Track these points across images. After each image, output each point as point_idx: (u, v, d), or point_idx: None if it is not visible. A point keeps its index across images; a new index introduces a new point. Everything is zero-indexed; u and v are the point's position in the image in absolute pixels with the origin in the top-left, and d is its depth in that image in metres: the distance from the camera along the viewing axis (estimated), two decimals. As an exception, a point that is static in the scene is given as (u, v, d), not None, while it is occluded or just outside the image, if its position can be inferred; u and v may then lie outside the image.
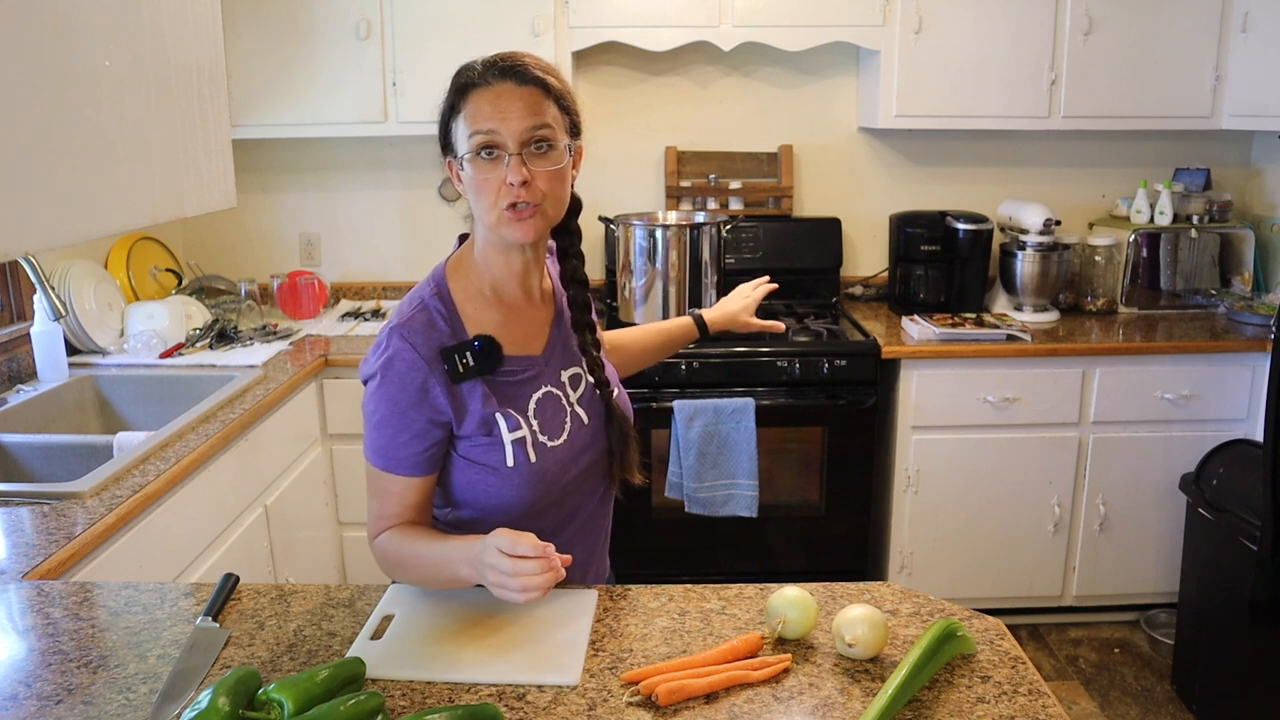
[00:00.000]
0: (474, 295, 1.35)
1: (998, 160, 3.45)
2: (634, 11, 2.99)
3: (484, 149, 1.24)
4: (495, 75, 1.25)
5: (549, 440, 1.34)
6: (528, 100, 1.24)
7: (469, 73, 1.27)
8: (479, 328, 1.32)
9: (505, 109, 1.23)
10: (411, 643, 1.20)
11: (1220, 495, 2.65)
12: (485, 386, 1.30)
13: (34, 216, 1.42)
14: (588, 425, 1.39)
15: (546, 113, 1.26)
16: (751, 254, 3.27)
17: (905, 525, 2.99)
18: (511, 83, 1.25)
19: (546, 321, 1.40)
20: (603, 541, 1.51)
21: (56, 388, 2.45)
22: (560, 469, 1.34)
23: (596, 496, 1.44)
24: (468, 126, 1.25)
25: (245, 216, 3.41)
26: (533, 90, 1.25)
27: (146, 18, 1.69)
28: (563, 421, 1.36)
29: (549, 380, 1.36)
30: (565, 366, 1.39)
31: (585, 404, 1.40)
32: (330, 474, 2.86)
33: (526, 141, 1.24)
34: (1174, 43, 3.03)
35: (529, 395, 1.34)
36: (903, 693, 1.05)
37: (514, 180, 1.23)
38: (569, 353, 1.41)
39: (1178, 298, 3.26)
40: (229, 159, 2.01)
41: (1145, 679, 2.90)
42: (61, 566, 1.53)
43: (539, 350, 1.37)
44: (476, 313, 1.33)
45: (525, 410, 1.33)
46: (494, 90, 1.24)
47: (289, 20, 2.94)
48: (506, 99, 1.24)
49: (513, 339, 1.35)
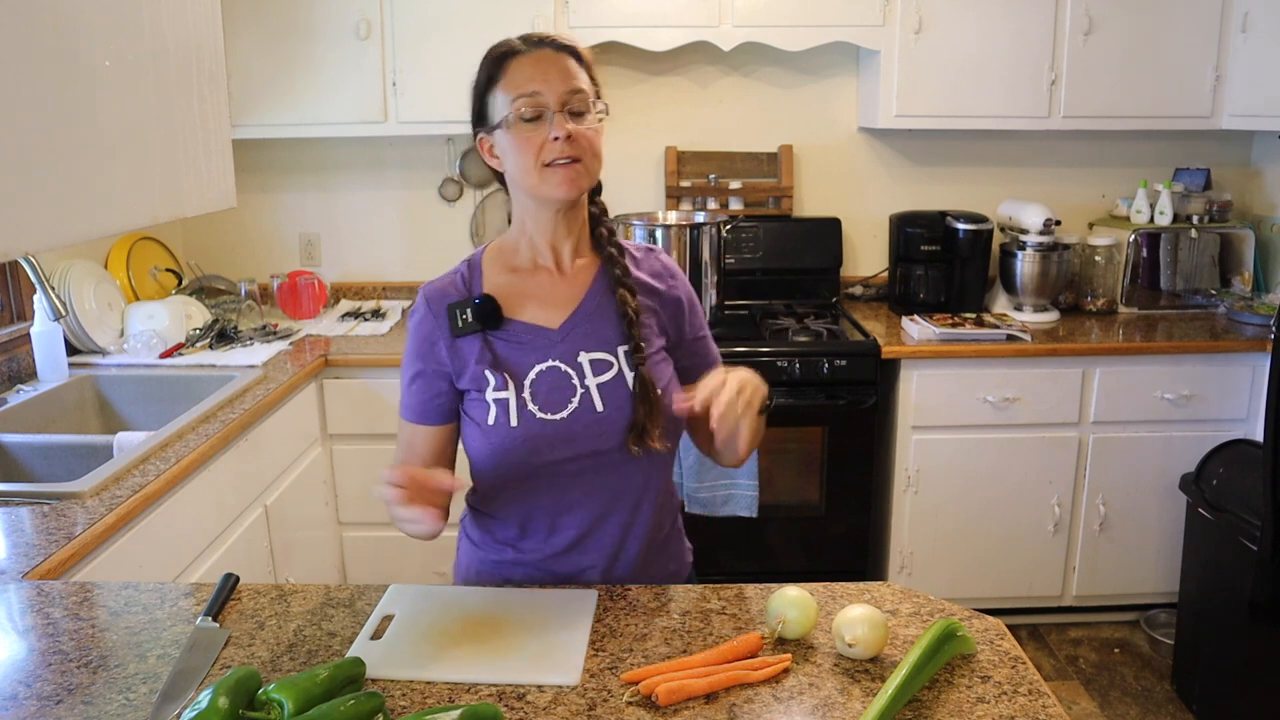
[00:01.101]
0: (501, 263, 1.41)
1: (998, 160, 3.45)
2: (634, 11, 2.99)
3: (527, 109, 1.29)
4: (532, 44, 1.34)
5: (541, 412, 1.33)
6: (564, 65, 1.32)
7: (504, 45, 1.36)
8: (493, 290, 1.38)
9: (546, 70, 1.31)
10: (411, 643, 1.20)
11: (1220, 495, 2.65)
12: (484, 343, 1.35)
13: (34, 216, 1.42)
14: (601, 413, 1.35)
15: (581, 78, 1.33)
16: (751, 254, 3.27)
17: (905, 525, 2.99)
18: (549, 49, 1.33)
19: (573, 298, 1.39)
20: (630, 538, 1.41)
21: (56, 388, 2.45)
22: (548, 445, 1.33)
23: (607, 490, 1.38)
24: (508, 92, 1.31)
25: (245, 216, 3.41)
26: (567, 56, 1.33)
27: (146, 18, 1.70)
28: (566, 400, 1.34)
29: (559, 356, 1.36)
30: (589, 350, 1.37)
31: (606, 392, 1.36)
32: (330, 474, 2.86)
33: (566, 103, 1.30)
34: (1174, 43, 3.03)
35: (530, 364, 1.35)
36: (903, 693, 1.05)
37: (559, 134, 1.28)
38: (600, 338, 1.38)
39: (1178, 298, 3.26)
40: (229, 159, 2.01)
41: (1145, 679, 2.91)
42: (61, 566, 1.53)
43: (555, 324, 1.37)
44: (496, 276, 1.40)
45: (522, 377, 1.35)
46: (533, 55, 1.32)
47: (289, 20, 2.94)
48: (546, 62, 1.32)
49: (527, 307, 1.38)
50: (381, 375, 2.83)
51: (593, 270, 1.42)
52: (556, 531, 1.40)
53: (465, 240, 3.45)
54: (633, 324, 1.37)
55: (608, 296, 1.40)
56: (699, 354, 1.48)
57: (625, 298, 1.38)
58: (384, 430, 2.85)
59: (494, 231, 3.43)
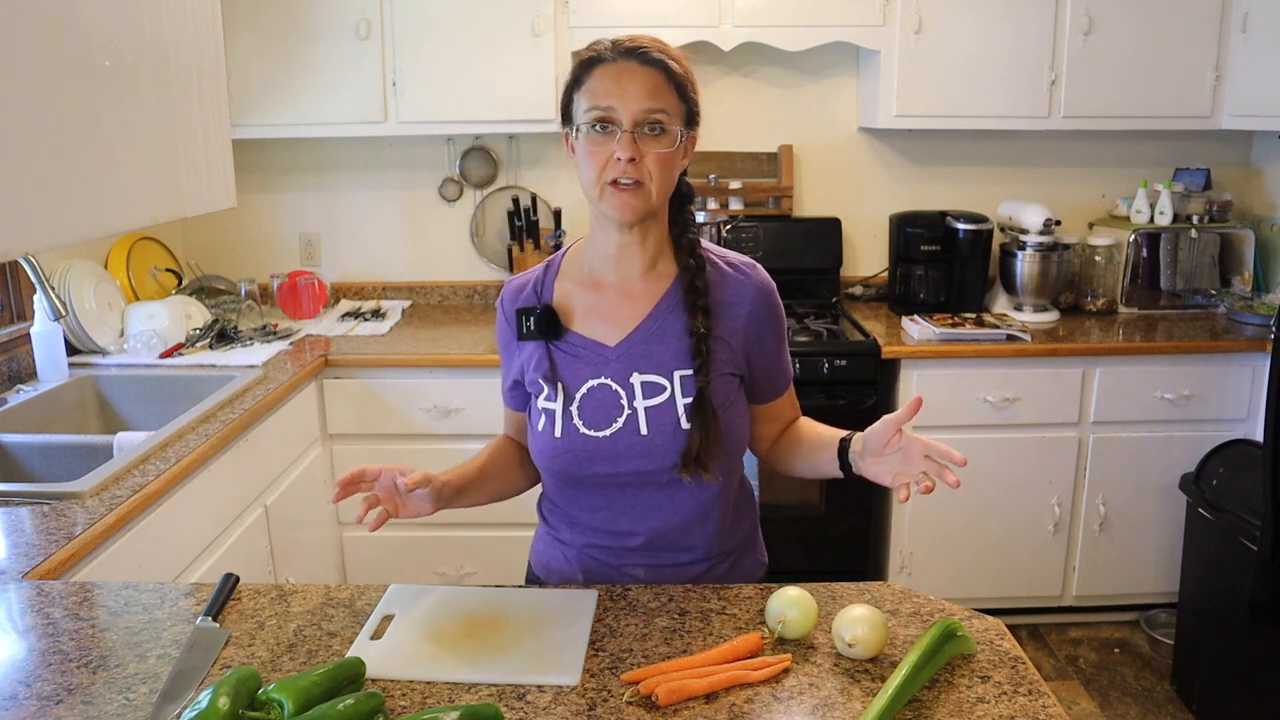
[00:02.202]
0: (576, 267, 1.42)
1: (998, 160, 3.45)
2: (634, 11, 2.99)
3: (598, 123, 1.27)
4: (620, 54, 1.30)
5: (585, 427, 1.34)
6: (647, 81, 1.28)
7: (596, 48, 1.32)
8: (561, 299, 1.40)
9: (624, 86, 1.27)
10: (411, 643, 1.20)
11: (1220, 495, 2.65)
12: (544, 351, 1.38)
13: (34, 216, 1.42)
14: (645, 436, 1.33)
15: (663, 97, 1.29)
16: (751, 254, 3.24)
17: (905, 525, 2.99)
18: (635, 62, 1.29)
19: (636, 315, 1.37)
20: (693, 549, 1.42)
21: (56, 388, 2.44)
22: (590, 459, 1.34)
23: (661, 508, 1.37)
24: (586, 100, 1.29)
25: (245, 216, 3.41)
26: (654, 73, 1.29)
27: (146, 18, 1.69)
28: (612, 419, 1.34)
29: (611, 374, 1.35)
30: (643, 371, 1.34)
31: (654, 416, 1.33)
32: (330, 474, 2.86)
33: (640, 122, 1.27)
34: (1174, 43, 3.03)
35: (583, 379, 1.36)
36: (903, 693, 1.05)
37: (621, 155, 1.26)
38: (656, 360, 1.34)
39: (1178, 298, 3.26)
40: (229, 159, 2.01)
41: (1145, 679, 2.90)
42: (61, 566, 1.53)
43: (612, 342, 1.36)
44: (567, 283, 1.42)
45: (573, 390, 1.36)
46: (616, 67, 1.29)
47: (289, 20, 2.94)
48: (626, 77, 1.28)
49: (589, 319, 1.38)
50: (381, 375, 2.83)
51: (667, 283, 1.38)
52: (615, 535, 1.40)
53: (465, 240, 3.45)
54: (698, 347, 1.33)
55: (677, 314, 1.36)
56: (773, 373, 1.44)
57: (694, 318, 1.34)
58: (384, 430, 2.85)
59: (493, 232, 3.43)
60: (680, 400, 1.33)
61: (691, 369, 1.33)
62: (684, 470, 1.33)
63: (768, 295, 1.41)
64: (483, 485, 1.44)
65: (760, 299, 1.40)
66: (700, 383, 1.33)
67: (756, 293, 1.39)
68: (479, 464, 1.45)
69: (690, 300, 1.35)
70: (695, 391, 1.33)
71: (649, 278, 1.38)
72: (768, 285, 1.42)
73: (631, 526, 1.39)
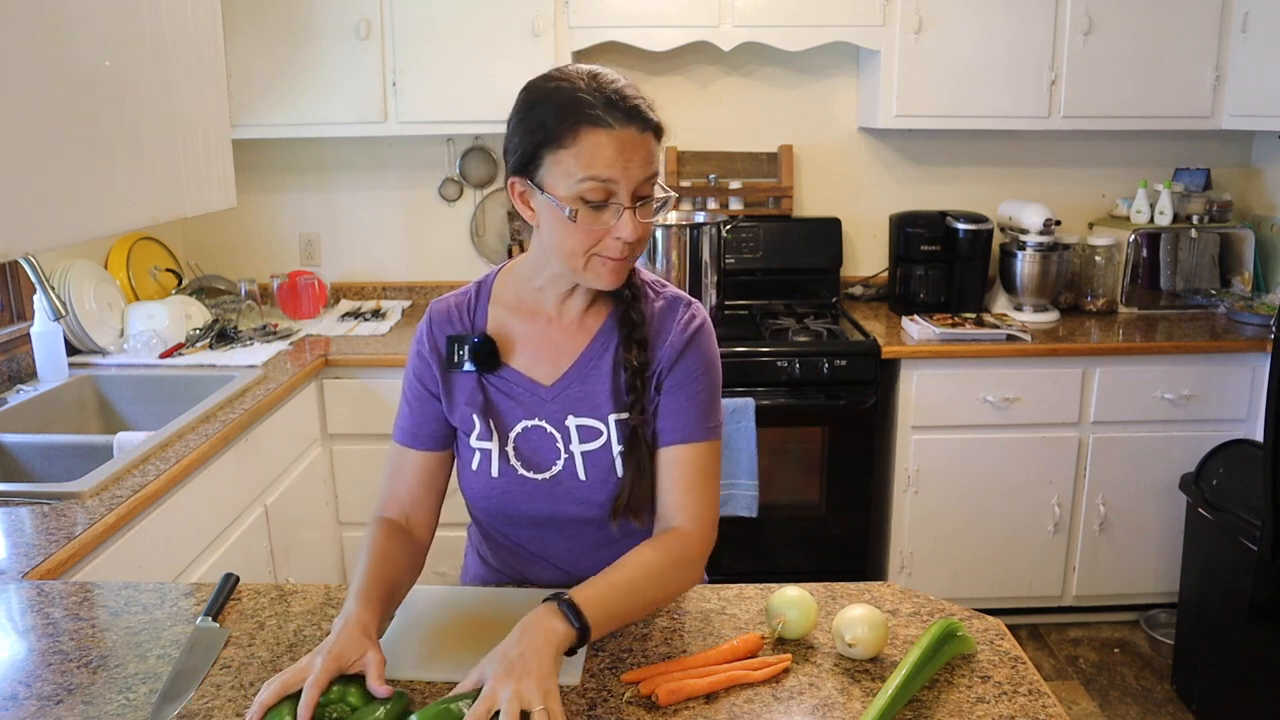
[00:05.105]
0: (512, 293, 1.33)
1: (998, 160, 3.45)
2: (634, 11, 2.99)
3: (595, 197, 1.14)
4: (619, 118, 1.14)
5: (523, 469, 1.29)
6: (644, 148, 1.16)
7: (582, 105, 1.14)
8: (495, 327, 1.32)
9: (628, 158, 1.14)
10: (411, 643, 1.20)
11: (1220, 495, 2.65)
12: (476, 384, 1.30)
13: (34, 216, 1.42)
14: (584, 482, 1.28)
15: (656, 160, 1.18)
16: (751, 254, 3.27)
17: (905, 525, 2.99)
18: (635, 129, 1.14)
19: (573, 350, 1.30)
20: None
21: (56, 388, 2.44)
22: (528, 500, 1.30)
23: (593, 545, 1.33)
24: (579, 169, 1.13)
25: (245, 216, 3.41)
26: (650, 137, 1.17)
27: (146, 18, 1.70)
28: (550, 462, 1.29)
29: (546, 416, 1.29)
30: (578, 415, 1.29)
31: (590, 461, 1.28)
32: (330, 474, 2.86)
33: (639, 194, 1.17)
34: (1174, 43, 3.03)
35: (517, 419, 1.30)
36: (903, 693, 1.05)
37: (628, 237, 1.16)
38: (591, 403, 1.29)
39: (1178, 298, 3.26)
40: (229, 159, 2.01)
41: (1145, 679, 2.90)
42: (61, 566, 1.53)
43: (548, 380, 1.30)
44: (502, 310, 1.33)
45: (507, 430, 1.30)
46: (617, 136, 1.13)
47: (289, 20, 2.94)
48: (630, 148, 1.14)
49: (525, 353, 1.31)
50: (381, 375, 2.83)
51: (604, 315, 1.31)
52: (544, 569, 1.38)
53: (465, 240, 3.45)
54: (632, 382, 1.26)
55: (611, 349, 1.30)
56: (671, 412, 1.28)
57: (629, 351, 1.27)
58: (384, 430, 2.83)
59: (493, 232, 3.43)
60: (615, 446, 1.28)
61: (626, 412, 1.27)
62: (614, 518, 1.28)
63: (700, 332, 1.30)
64: (396, 599, 1.23)
65: (686, 339, 1.29)
66: (634, 421, 1.26)
67: (685, 326, 1.30)
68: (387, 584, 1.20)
69: (625, 333, 1.28)
70: (629, 434, 1.26)
71: (589, 311, 1.31)
72: (699, 322, 1.31)
73: (559, 562, 1.36)
